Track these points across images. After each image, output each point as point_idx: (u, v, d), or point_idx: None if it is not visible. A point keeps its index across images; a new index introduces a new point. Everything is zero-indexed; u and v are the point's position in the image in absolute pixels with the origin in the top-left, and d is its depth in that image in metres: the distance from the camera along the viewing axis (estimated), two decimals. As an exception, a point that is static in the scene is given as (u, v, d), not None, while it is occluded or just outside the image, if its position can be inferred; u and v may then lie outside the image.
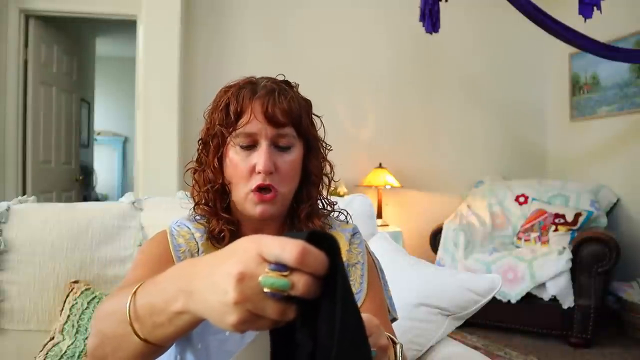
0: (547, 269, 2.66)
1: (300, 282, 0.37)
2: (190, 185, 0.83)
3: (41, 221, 1.26)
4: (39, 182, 3.35)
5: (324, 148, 0.84)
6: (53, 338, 1.16)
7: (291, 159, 0.77)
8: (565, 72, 3.70)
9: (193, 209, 0.83)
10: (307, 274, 0.37)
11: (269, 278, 0.37)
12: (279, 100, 0.74)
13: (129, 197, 1.44)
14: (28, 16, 3.21)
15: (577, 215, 2.91)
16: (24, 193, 3.18)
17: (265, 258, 0.38)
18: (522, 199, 3.36)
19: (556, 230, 2.93)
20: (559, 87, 3.78)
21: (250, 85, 0.77)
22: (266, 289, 0.37)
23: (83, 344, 1.14)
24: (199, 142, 0.81)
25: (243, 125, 0.74)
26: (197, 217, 0.82)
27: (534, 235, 3.02)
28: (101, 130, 6.20)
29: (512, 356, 2.52)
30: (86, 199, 4.62)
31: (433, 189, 3.76)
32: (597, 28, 2.51)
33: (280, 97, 0.75)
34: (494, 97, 3.90)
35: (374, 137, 3.70)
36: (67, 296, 1.20)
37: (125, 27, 3.55)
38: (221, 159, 0.78)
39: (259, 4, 3.55)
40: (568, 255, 2.66)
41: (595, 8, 2.11)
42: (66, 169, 3.87)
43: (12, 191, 3.13)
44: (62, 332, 1.16)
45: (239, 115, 0.75)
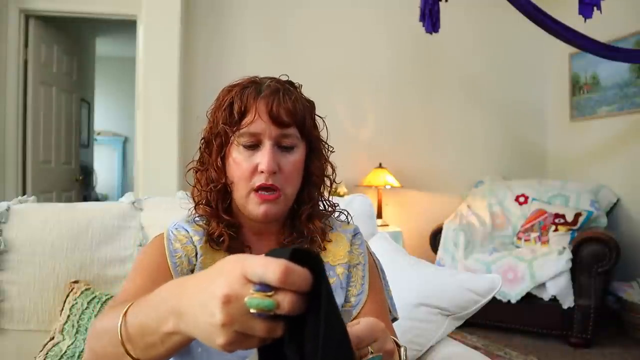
0: (547, 269, 2.66)
1: (285, 301, 0.37)
2: (192, 185, 0.82)
3: (41, 221, 1.26)
4: (39, 182, 3.35)
5: (326, 149, 0.84)
6: (53, 338, 1.16)
7: (294, 159, 0.76)
8: (565, 72, 3.70)
9: (194, 209, 0.82)
10: (292, 292, 0.37)
11: (254, 299, 0.37)
12: (284, 100, 0.74)
13: (129, 197, 1.44)
14: (28, 16, 3.21)
15: (577, 215, 2.91)
16: (24, 193, 3.18)
17: (250, 279, 0.38)
18: (522, 199, 3.36)
19: (556, 230, 2.93)
20: (559, 87, 3.78)
21: (254, 85, 0.77)
22: (252, 310, 0.37)
23: (83, 344, 1.14)
24: (202, 141, 0.81)
25: (247, 125, 0.73)
26: (197, 219, 0.82)
27: (534, 235, 3.02)
28: (101, 130, 6.20)
29: (512, 356, 2.52)
30: (86, 199, 4.62)
31: (433, 189, 3.76)
32: (597, 28, 2.51)
33: (285, 97, 0.75)
34: (494, 97, 3.90)
35: (374, 137, 3.70)
36: (67, 296, 1.20)
37: (125, 27, 3.55)
38: (224, 158, 0.78)
39: (259, 4, 3.55)
40: (568, 255, 2.66)
41: (595, 8, 2.11)
42: (66, 169, 3.87)
43: (12, 191, 3.13)
44: (62, 332, 1.16)
45: (242, 115, 0.74)
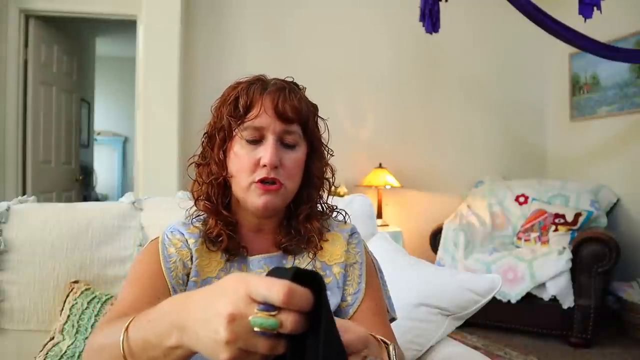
0: (547, 269, 2.66)
1: (288, 320, 0.38)
2: (192, 179, 0.82)
3: (41, 221, 1.26)
4: (39, 182, 3.35)
5: (327, 152, 0.84)
6: (53, 338, 1.16)
7: (296, 157, 0.77)
8: (565, 72, 3.70)
9: (193, 204, 0.82)
10: (294, 312, 0.39)
11: (258, 318, 0.38)
12: (290, 97, 0.75)
13: (129, 197, 1.44)
14: (28, 16, 3.21)
15: (577, 215, 2.91)
16: (24, 193, 3.18)
17: (254, 298, 0.39)
18: (522, 199, 3.36)
19: (556, 230, 2.93)
20: (559, 87, 3.78)
21: (261, 82, 0.78)
22: (256, 328, 0.39)
23: (83, 344, 1.13)
24: (204, 135, 0.81)
25: (252, 119, 0.74)
26: (194, 220, 0.82)
27: (534, 235, 3.02)
28: (101, 130, 6.20)
29: (512, 356, 2.52)
30: (86, 199, 4.63)
31: (433, 189, 3.76)
32: (597, 28, 2.51)
33: (291, 94, 0.76)
34: (494, 97, 3.90)
35: (374, 137, 3.70)
36: (67, 296, 1.20)
37: (125, 27, 3.55)
38: (226, 152, 0.78)
39: (259, 4, 3.55)
40: (568, 255, 2.66)
41: (595, 8, 2.11)
42: (66, 169, 3.87)
43: (12, 191, 3.13)
44: (62, 332, 1.16)
45: (248, 109, 0.75)
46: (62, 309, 1.19)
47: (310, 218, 0.81)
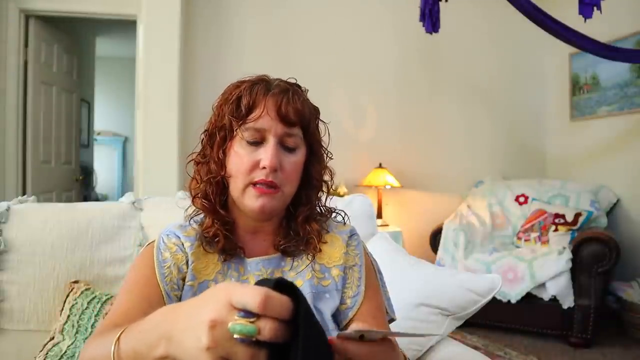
0: (547, 269, 2.66)
1: (266, 327, 0.39)
2: (191, 177, 0.81)
3: (41, 221, 1.26)
4: (39, 182, 3.35)
5: (326, 155, 0.84)
6: (53, 338, 1.16)
7: (296, 160, 0.77)
8: (565, 72, 3.70)
9: (191, 202, 0.81)
10: (273, 319, 0.39)
11: (237, 325, 0.39)
12: (293, 100, 0.75)
13: (129, 197, 1.44)
14: (28, 16, 3.21)
15: (577, 215, 2.91)
16: (24, 193, 3.18)
17: (234, 305, 0.40)
18: (522, 199, 3.36)
19: (556, 230, 2.93)
20: (559, 87, 3.78)
21: (264, 82, 0.77)
22: (236, 335, 0.39)
23: (83, 344, 1.13)
24: (204, 133, 0.80)
25: (254, 120, 0.73)
26: (191, 222, 0.81)
27: (534, 235, 3.02)
28: (101, 130, 6.20)
29: (512, 356, 2.52)
30: (86, 199, 4.63)
31: (433, 189, 3.76)
32: (597, 28, 2.51)
33: (294, 97, 0.75)
34: (494, 97, 3.90)
35: (374, 137, 3.70)
36: (67, 296, 1.20)
37: (125, 27, 3.55)
38: (225, 152, 0.77)
39: (259, 4, 3.54)
40: (568, 255, 2.66)
41: (595, 8, 2.10)
42: (66, 169, 3.87)
43: (12, 191, 3.13)
44: (62, 332, 1.16)
45: (250, 109, 0.74)
46: (62, 309, 1.19)
47: (309, 220, 0.81)
